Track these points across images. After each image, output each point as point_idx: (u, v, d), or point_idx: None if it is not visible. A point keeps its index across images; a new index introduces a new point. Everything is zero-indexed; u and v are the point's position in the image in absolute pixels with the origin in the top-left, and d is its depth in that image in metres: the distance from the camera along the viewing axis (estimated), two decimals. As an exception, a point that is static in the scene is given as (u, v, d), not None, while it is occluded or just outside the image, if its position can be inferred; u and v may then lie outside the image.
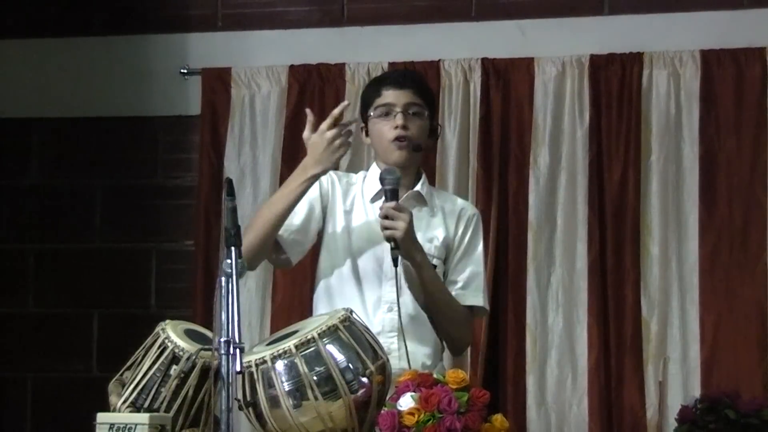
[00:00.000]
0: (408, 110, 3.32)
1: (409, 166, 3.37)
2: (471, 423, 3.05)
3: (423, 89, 3.41)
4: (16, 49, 5.37)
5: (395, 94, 3.33)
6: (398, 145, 3.32)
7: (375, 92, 3.37)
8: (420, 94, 3.36)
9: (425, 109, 3.37)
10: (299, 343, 2.83)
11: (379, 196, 3.33)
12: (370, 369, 2.86)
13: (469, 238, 3.42)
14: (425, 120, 3.37)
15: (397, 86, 3.34)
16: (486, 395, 3.07)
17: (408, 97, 3.33)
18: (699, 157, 4.86)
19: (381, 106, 3.34)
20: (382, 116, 3.33)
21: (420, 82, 3.45)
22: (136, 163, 5.31)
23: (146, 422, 2.73)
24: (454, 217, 3.42)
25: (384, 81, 3.40)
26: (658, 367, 4.77)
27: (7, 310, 5.32)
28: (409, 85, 3.36)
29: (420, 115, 3.35)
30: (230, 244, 2.74)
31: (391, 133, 3.31)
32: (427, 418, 2.99)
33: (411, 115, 3.32)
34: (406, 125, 3.31)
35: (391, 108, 3.32)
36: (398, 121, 3.30)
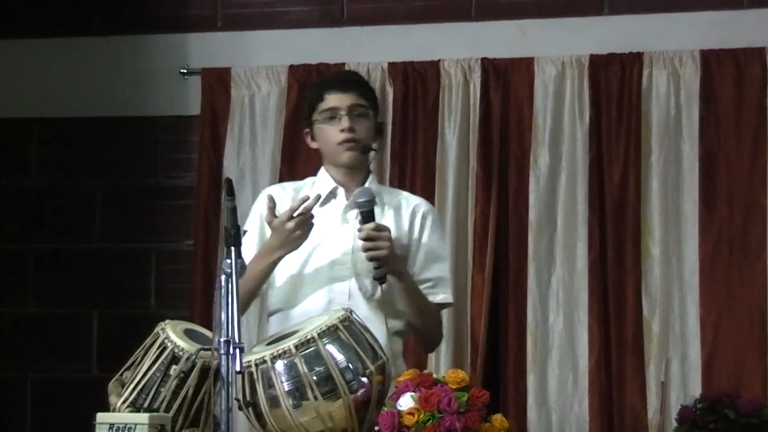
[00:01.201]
0: (353, 112, 3.34)
1: (358, 167, 3.38)
2: (471, 423, 3.06)
3: (366, 90, 3.43)
4: (16, 49, 5.37)
5: (339, 98, 3.34)
6: (347, 147, 3.33)
7: (318, 97, 3.37)
8: (363, 95, 3.38)
9: (370, 109, 3.39)
10: (299, 343, 2.83)
11: (328, 199, 3.34)
12: (369, 369, 2.86)
13: (429, 234, 3.42)
14: (371, 120, 3.39)
15: (340, 89, 3.35)
16: (486, 395, 3.07)
17: (352, 99, 3.34)
18: (699, 157, 4.86)
19: (326, 110, 3.34)
20: (327, 120, 3.34)
21: (362, 83, 3.47)
22: (136, 163, 5.31)
23: (146, 422, 2.73)
24: (407, 215, 3.42)
25: (326, 85, 3.41)
26: (658, 367, 4.77)
27: (7, 310, 5.32)
28: (352, 87, 3.38)
29: (365, 115, 3.36)
30: (230, 244, 2.75)
31: (338, 136, 3.33)
32: (426, 418, 2.99)
33: (356, 117, 3.34)
34: (353, 127, 3.32)
35: (336, 111, 3.33)
36: (344, 123, 3.32)
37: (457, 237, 4.94)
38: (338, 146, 3.34)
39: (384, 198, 3.44)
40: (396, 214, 3.39)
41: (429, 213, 3.46)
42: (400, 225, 3.39)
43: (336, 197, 3.37)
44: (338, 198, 3.38)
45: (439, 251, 3.44)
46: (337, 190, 3.38)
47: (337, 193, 3.38)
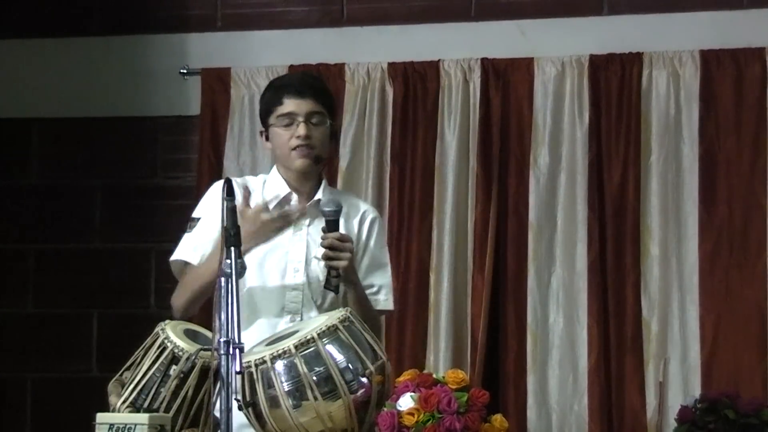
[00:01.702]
0: (310, 119, 3.31)
1: (310, 173, 3.37)
2: (470, 423, 3.06)
3: (324, 95, 3.39)
4: (16, 49, 5.37)
5: (296, 103, 3.31)
6: (300, 153, 3.31)
7: (276, 100, 3.34)
8: (321, 102, 3.35)
9: (327, 117, 3.35)
10: (299, 343, 2.83)
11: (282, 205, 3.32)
12: (369, 369, 2.86)
13: (375, 242, 3.41)
14: (327, 127, 3.36)
15: (298, 95, 3.32)
16: (485, 395, 3.07)
17: (309, 106, 3.31)
18: (699, 157, 4.86)
19: (282, 115, 3.32)
20: (284, 125, 3.33)
21: (320, 89, 3.43)
22: (136, 163, 5.31)
23: (146, 422, 2.73)
24: (356, 221, 3.41)
25: (284, 89, 3.36)
26: (658, 368, 4.77)
27: (7, 310, 5.31)
28: (310, 93, 3.34)
29: (322, 123, 3.33)
30: (230, 244, 2.75)
31: (293, 142, 3.30)
32: (426, 418, 3.00)
33: (313, 124, 3.32)
34: (308, 134, 3.30)
35: (293, 117, 3.31)
36: (301, 131, 3.29)
37: (457, 237, 4.94)
38: (292, 152, 3.31)
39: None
40: (346, 219, 3.38)
41: (376, 220, 3.45)
42: (349, 230, 3.37)
43: (290, 204, 3.34)
44: (292, 205, 3.34)
45: (382, 258, 3.43)
46: (291, 196, 3.35)
47: (291, 199, 3.35)
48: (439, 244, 4.94)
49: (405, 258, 4.96)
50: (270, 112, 3.35)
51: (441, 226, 4.95)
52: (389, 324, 4.87)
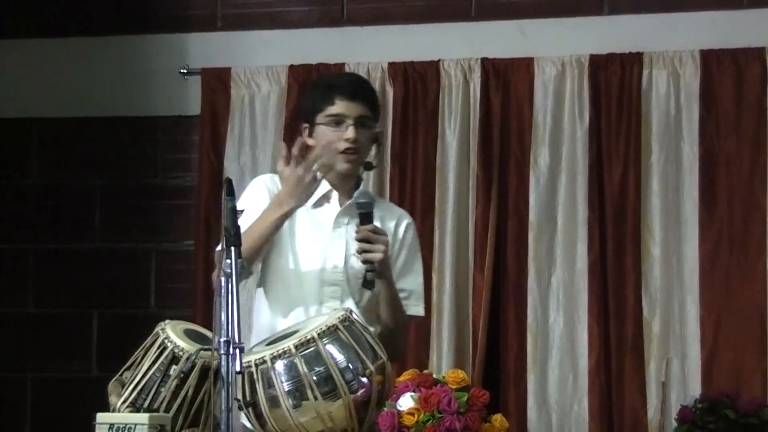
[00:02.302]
0: (359, 123, 3.32)
1: (352, 176, 3.38)
2: (470, 423, 3.05)
3: (373, 101, 3.41)
4: (16, 49, 5.37)
5: (348, 106, 3.31)
6: (346, 158, 3.32)
7: (327, 99, 3.34)
8: (371, 106, 3.36)
9: (374, 121, 3.38)
10: (299, 343, 2.83)
11: (321, 203, 3.33)
12: (369, 369, 2.86)
13: (409, 246, 3.42)
14: (373, 132, 3.38)
15: (350, 97, 3.32)
16: (485, 395, 3.07)
17: (360, 110, 3.32)
18: (699, 157, 4.86)
19: (333, 115, 3.32)
20: (332, 125, 3.33)
21: (371, 93, 3.44)
22: (136, 163, 5.31)
23: (146, 422, 2.73)
24: (391, 226, 3.41)
25: (337, 89, 3.36)
26: (658, 367, 4.77)
27: (7, 310, 5.31)
28: (362, 97, 3.35)
29: (369, 127, 3.35)
30: (230, 244, 2.75)
31: (341, 144, 3.30)
32: (426, 418, 2.99)
33: (361, 128, 3.32)
34: (357, 138, 3.30)
35: (344, 119, 3.31)
36: (350, 134, 3.29)
37: (457, 237, 4.95)
38: (339, 154, 3.33)
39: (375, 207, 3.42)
40: (382, 222, 3.38)
41: (410, 226, 3.46)
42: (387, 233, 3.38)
43: (330, 201, 3.36)
44: (332, 202, 3.36)
45: (415, 264, 3.44)
46: (331, 194, 3.36)
47: (330, 197, 3.36)
48: (440, 245, 4.94)
49: (405, 258, 4.95)
50: (318, 110, 3.34)
51: (442, 227, 4.96)
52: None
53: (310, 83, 3.48)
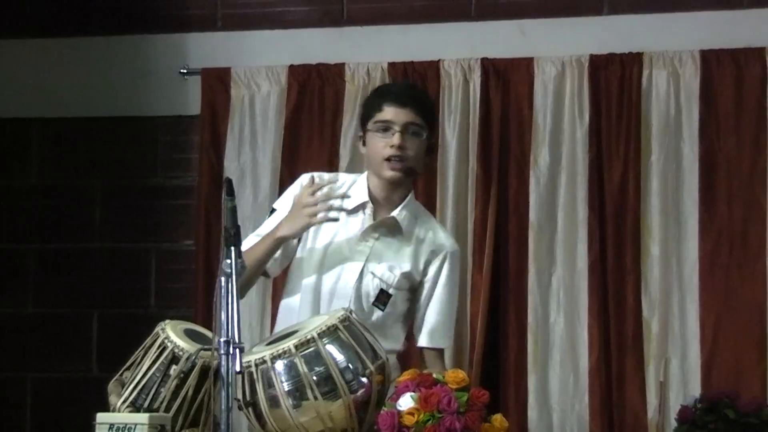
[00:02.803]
0: (407, 130, 3.30)
1: (399, 185, 3.35)
2: (470, 423, 3.05)
3: (424, 108, 3.38)
4: (16, 49, 5.37)
5: (396, 112, 3.30)
6: (391, 165, 3.30)
7: (376, 106, 3.34)
8: (421, 114, 3.33)
9: (424, 129, 3.34)
10: (299, 343, 2.83)
11: (359, 210, 3.32)
12: (369, 369, 2.86)
13: (446, 278, 3.40)
14: (423, 140, 3.34)
15: (399, 104, 3.31)
16: (485, 395, 3.07)
17: (408, 117, 3.30)
18: (699, 157, 4.86)
19: (380, 121, 3.31)
20: (380, 131, 3.31)
21: (422, 100, 3.41)
22: (136, 163, 5.31)
23: (146, 422, 2.73)
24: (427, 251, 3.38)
25: (386, 95, 3.37)
26: (658, 367, 4.77)
27: (7, 310, 5.32)
28: (411, 103, 3.32)
29: (418, 134, 3.32)
30: (230, 244, 2.75)
31: (386, 151, 3.29)
32: (426, 418, 2.99)
33: (410, 135, 3.30)
34: (403, 145, 3.28)
35: (390, 125, 3.30)
36: (395, 140, 3.28)
37: (456, 237, 4.91)
38: (384, 161, 3.30)
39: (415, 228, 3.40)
40: (417, 246, 3.37)
41: (453, 254, 3.42)
42: (417, 257, 3.37)
43: (365, 212, 3.34)
44: (366, 214, 3.34)
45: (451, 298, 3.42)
46: (367, 205, 3.34)
47: (365, 209, 3.34)
48: (439, 245, 4.94)
49: (405, 258, 4.96)
50: (369, 117, 3.34)
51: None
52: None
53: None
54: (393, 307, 3.34)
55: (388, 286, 3.32)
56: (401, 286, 3.36)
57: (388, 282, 3.32)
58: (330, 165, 5.03)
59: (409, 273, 3.36)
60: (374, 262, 3.30)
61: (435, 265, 3.38)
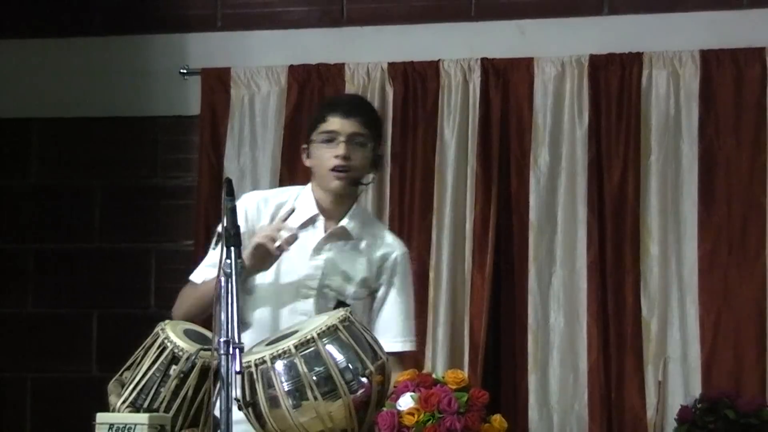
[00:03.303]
0: (352, 140, 3.27)
1: (344, 195, 3.34)
2: (471, 423, 3.05)
3: (370, 119, 3.36)
4: (16, 49, 5.37)
5: (341, 123, 3.28)
6: (337, 175, 3.27)
7: (321, 117, 3.32)
8: (366, 124, 3.31)
9: (370, 140, 3.32)
10: (299, 343, 2.82)
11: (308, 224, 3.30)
12: (369, 369, 2.86)
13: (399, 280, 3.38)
14: (369, 151, 3.32)
15: (343, 114, 3.29)
16: (485, 395, 3.07)
17: (353, 127, 3.28)
18: (698, 157, 4.86)
19: (325, 132, 3.29)
20: (324, 142, 3.30)
21: (368, 112, 3.40)
22: (135, 163, 5.31)
23: (146, 422, 2.73)
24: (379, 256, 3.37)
25: (331, 107, 3.35)
26: (658, 367, 4.78)
27: (7, 310, 5.32)
28: (356, 114, 3.31)
29: (363, 145, 3.30)
30: (230, 244, 2.75)
31: (331, 162, 3.27)
32: (426, 418, 2.99)
33: (355, 145, 3.28)
34: (348, 155, 3.26)
35: (335, 136, 3.28)
36: (340, 150, 3.26)
37: (455, 237, 4.95)
38: (329, 171, 3.28)
39: (364, 235, 3.37)
40: (370, 252, 3.36)
41: (401, 258, 3.40)
42: (371, 262, 3.35)
43: (315, 226, 3.33)
44: (317, 227, 3.32)
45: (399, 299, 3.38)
46: (317, 218, 3.33)
47: (316, 221, 3.33)
48: (438, 244, 4.95)
49: (405, 257, 4.96)
50: (314, 128, 3.32)
51: (440, 226, 4.96)
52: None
53: None
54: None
55: (345, 297, 3.31)
56: (359, 296, 3.34)
57: (345, 293, 3.32)
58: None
59: (365, 280, 3.34)
60: (330, 275, 3.29)
61: (387, 269, 3.37)
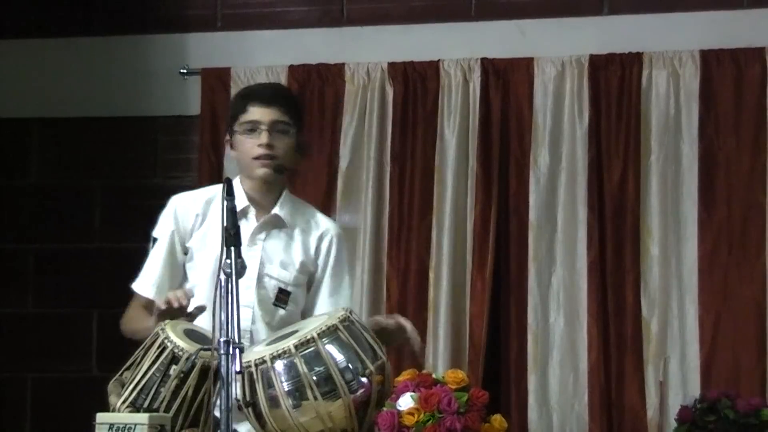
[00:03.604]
0: (274, 128, 3.27)
1: (272, 184, 3.34)
2: (471, 423, 3.06)
3: (291, 105, 3.36)
4: (16, 49, 5.37)
5: (261, 111, 3.28)
6: (261, 163, 3.28)
7: (241, 108, 3.31)
8: (287, 111, 3.31)
9: (292, 126, 3.32)
10: (299, 343, 2.82)
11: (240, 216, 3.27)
12: (369, 369, 2.86)
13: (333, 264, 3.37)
14: (292, 137, 3.32)
15: (264, 103, 3.29)
16: (485, 395, 3.08)
17: (274, 115, 3.28)
18: (698, 157, 4.86)
19: (247, 122, 3.29)
20: (247, 132, 3.29)
21: (288, 99, 3.40)
22: (135, 163, 5.31)
23: (146, 422, 2.73)
24: (314, 240, 3.37)
25: (251, 96, 3.34)
26: (658, 367, 4.77)
27: (7, 310, 5.32)
28: (276, 101, 3.31)
29: (286, 132, 3.30)
30: (230, 244, 2.75)
31: (255, 151, 3.27)
32: (426, 418, 3.01)
33: (277, 133, 3.28)
34: (271, 143, 3.26)
35: (257, 125, 3.28)
36: (263, 139, 3.26)
37: (456, 237, 4.95)
38: (253, 161, 3.28)
39: (296, 221, 3.37)
40: (304, 237, 3.35)
41: (336, 239, 3.40)
42: (306, 246, 3.35)
43: (247, 218, 3.31)
44: (249, 219, 3.31)
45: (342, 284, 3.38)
46: (248, 210, 3.32)
47: (248, 213, 3.32)
48: (438, 244, 4.95)
49: (404, 257, 4.96)
50: (235, 119, 3.32)
51: (440, 226, 4.96)
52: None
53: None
54: (294, 303, 3.31)
55: (286, 284, 3.31)
56: (299, 281, 3.34)
57: (285, 281, 3.31)
58: (330, 165, 5.04)
59: (303, 264, 3.34)
60: (268, 264, 3.29)
61: (323, 250, 3.37)
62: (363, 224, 4.99)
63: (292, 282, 3.32)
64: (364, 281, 4.95)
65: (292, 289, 3.29)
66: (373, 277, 4.97)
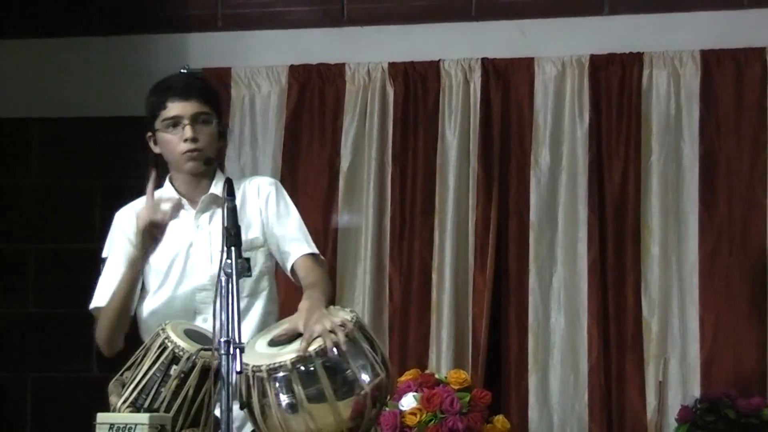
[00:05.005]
0: (197, 120, 3.29)
1: (201, 175, 3.35)
2: (473, 423, 3.06)
3: (209, 95, 3.37)
4: (16, 49, 5.36)
5: (181, 106, 3.29)
6: (189, 157, 3.30)
7: (160, 104, 3.32)
8: (206, 102, 3.32)
9: (213, 116, 3.33)
10: (296, 359, 2.81)
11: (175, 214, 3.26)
12: (365, 391, 2.84)
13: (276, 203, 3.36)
14: (214, 127, 3.33)
15: (182, 97, 3.30)
16: (487, 396, 3.08)
17: (195, 107, 3.29)
18: (699, 156, 4.86)
19: (168, 118, 3.30)
20: (169, 128, 3.30)
21: (205, 89, 3.41)
22: (136, 163, 5.29)
23: (146, 422, 2.73)
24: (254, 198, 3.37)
25: (168, 92, 3.34)
26: (658, 367, 4.77)
27: (7, 310, 5.31)
28: (195, 94, 3.32)
29: (208, 122, 3.31)
30: (230, 244, 2.74)
31: (181, 146, 3.29)
32: (429, 418, 3.00)
33: (199, 125, 3.29)
34: (195, 137, 3.28)
35: (179, 120, 3.29)
36: (187, 133, 3.27)
37: (457, 237, 4.95)
38: (181, 156, 3.31)
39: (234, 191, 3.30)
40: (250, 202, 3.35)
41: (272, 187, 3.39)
42: (253, 209, 3.35)
43: (185, 208, 3.34)
44: (187, 209, 3.34)
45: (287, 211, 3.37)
46: (182, 201, 3.34)
47: (184, 205, 3.34)
48: (440, 245, 4.94)
49: (407, 258, 4.96)
50: (155, 116, 3.33)
51: (442, 227, 4.96)
52: (392, 322, 4.88)
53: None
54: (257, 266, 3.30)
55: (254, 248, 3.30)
56: (256, 243, 3.32)
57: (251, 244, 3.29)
58: (330, 165, 5.04)
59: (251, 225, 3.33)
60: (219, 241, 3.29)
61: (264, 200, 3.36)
62: (365, 225, 4.99)
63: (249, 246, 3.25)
64: (366, 282, 4.95)
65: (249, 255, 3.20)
66: (375, 278, 4.96)
